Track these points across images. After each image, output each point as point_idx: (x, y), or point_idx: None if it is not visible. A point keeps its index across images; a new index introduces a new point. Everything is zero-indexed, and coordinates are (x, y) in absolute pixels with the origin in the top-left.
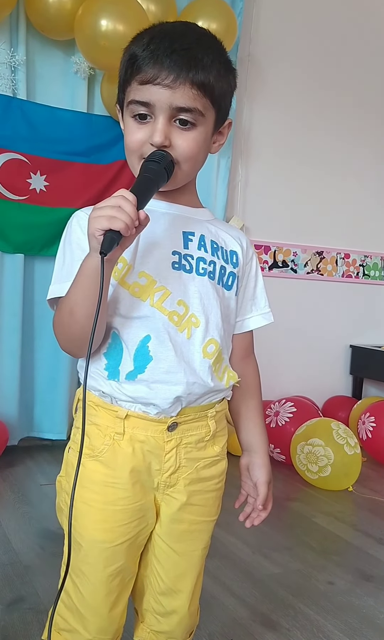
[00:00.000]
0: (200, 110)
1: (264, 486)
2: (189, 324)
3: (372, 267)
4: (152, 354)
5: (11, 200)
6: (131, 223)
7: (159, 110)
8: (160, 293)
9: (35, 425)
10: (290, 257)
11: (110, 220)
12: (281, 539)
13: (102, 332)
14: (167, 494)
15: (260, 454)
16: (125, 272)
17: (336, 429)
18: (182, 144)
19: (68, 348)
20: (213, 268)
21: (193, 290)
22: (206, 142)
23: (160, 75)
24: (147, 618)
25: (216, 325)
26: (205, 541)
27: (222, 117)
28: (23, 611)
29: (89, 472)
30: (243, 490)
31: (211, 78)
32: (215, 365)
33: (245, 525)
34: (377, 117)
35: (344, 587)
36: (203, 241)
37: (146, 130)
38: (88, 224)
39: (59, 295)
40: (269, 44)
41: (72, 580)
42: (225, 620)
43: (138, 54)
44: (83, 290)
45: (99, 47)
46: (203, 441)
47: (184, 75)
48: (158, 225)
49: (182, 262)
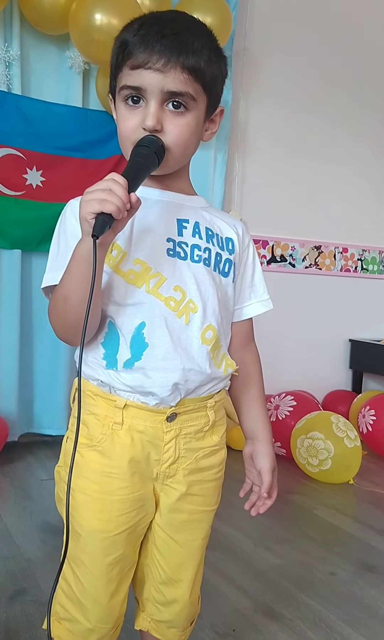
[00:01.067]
0: (192, 95)
1: (268, 474)
2: (187, 310)
3: (370, 261)
4: (148, 341)
5: (8, 195)
6: (122, 206)
7: (151, 95)
8: (156, 279)
9: (34, 421)
10: (288, 251)
11: (101, 203)
12: (283, 531)
13: (98, 319)
14: (166, 484)
15: (263, 442)
16: (120, 260)
17: (336, 422)
18: (174, 129)
19: (64, 336)
20: (208, 255)
21: (189, 277)
22: (198, 129)
23: (151, 60)
24: (148, 607)
25: (214, 311)
26: (205, 531)
27: (214, 103)
28: (25, 603)
29: (88, 462)
30: (248, 479)
31: (202, 63)
32: (213, 352)
33: (251, 514)
34: (374, 110)
35: (346, 578)
36: (197, 228)
37: (138, 116)
38: (80, 208)
39: (54, 283)
40: (264, 38)
41: (71, 570)
42: (228, 610)
43: (129, 40)
44: (77, 276)
45: (94, 41)
46: (202, 431)
47: (175, 59)
48: (152, 212)
49: (176, 249)
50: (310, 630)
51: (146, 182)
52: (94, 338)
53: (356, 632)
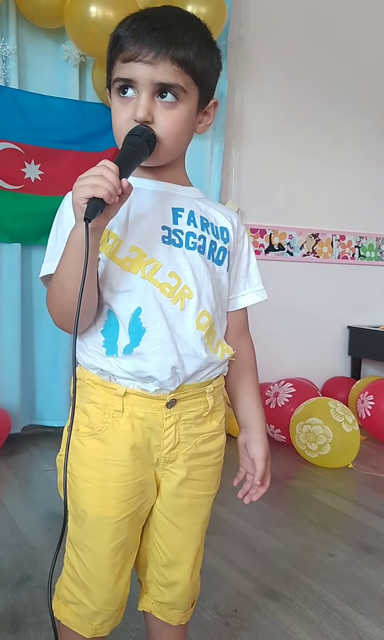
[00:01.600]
0: (182, 87)
1: (261, 462)
2: (182, 296)
3: (367, 248)
4: (145, 326)
5: (6, 190)
6: (114, 190)
7: (141, 87)
8: (151, 266)
9: (37, 413)
10: (285, 240)
11: (93, 188)
12: (283, 515)
13: (94, 306)
14: (166, 469)
15: (257, 430)
16: (116, 248)
17: (334, 407)
18: (164, 120)
19: (61, 323)
20: (203, 242)
21: (184, 263)
22: (190, 121)
23: (141, 52)
24: (151, 589)
25: (208, 297)
26: (205, 514)
27: (206, 96)
28: (31, 589)
29: (89, 450)
30: (242, 467)
31: (192, 55)
32: (208, 337)
33: (244, 502)
34: (371, 98)
35: (345, 559)
36: (192, 217)
37: (130, 108)
38: (73, 194)
39: (51, 272)
40: (259, 28)
41: (76, 555)
42: (229, 592)
43: (121, 34)
44: (72, 262)
45: (89, 34)
46: (201, 417)
47: (164, 52)
48: (147, 202)
49: (171, 236)
50: (310, 609)
51: (140, 173)
52: (93, 326)
53: (355, 610)
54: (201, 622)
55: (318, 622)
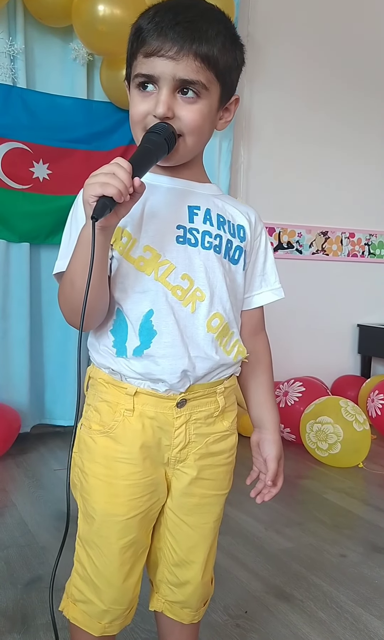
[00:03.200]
0: (204, 83)
1: (274, 462)
2: (194, 298)
3: (377, 245)
4: (156, 328)
5: (15, 189)
6: (124, 189)
7: (163, 82)
8: (165, 267)
9: (46, 412)
10: (294, 238)
11: (103, 186)
12: (293, 515)
13: (105, 304)
14: (177, 468)
15: (271, 430)
16: (130, 247)
17: (345, 406)
18: (187, 115)
19: (71, 320)
20: (219, 242)
21: (198, 264)
22: (211, 116)
23: (163, 47)
24: (162, 588)
25: (221, 299)
26: (217, 514)
27: (228, 92)
28: (41, 590)
29: (100, 448)
30: (255, 466)
31: (216, 50)
32: (221, 339)
33: (256, 501)
34: (380, 95)
35: (356, 559)
36: (208, 215)
37: (150, 102)
38: (83, 191)
39: (64, 270)
40: (268, 24)
41: (86, 553)
42: (240, 593)
43: (143, 27)
44: (82, 260)
45: (97, 32)
46: (212, 417)
47: (188, 46)
48: (163, 199)
49: (187, 235)
50: (321, 611)
51: (157, 169)
52: (104, 326)
53: (366, 611)
54: (212, 624)
55: (329, 623)
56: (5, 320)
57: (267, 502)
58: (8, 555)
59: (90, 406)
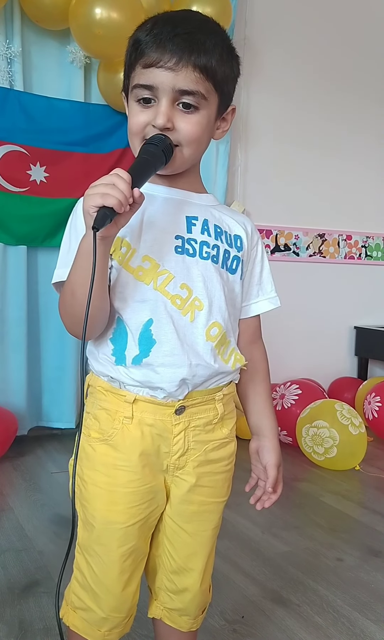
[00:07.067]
0: (203, 94)
1: (273, 469)
2: (192, 307)
3: (374, 247)
4: (155, 337)
5: (12, 192)
6: (124, 200)
7: (162, 93)
8: (164, 277)
9: (43, 414)
10: (291, 240)
11: (103, 197)
12: (290, 518)
13: (106, 314)
14: (176, 476)
15: (269, 438)
16: (129, 256)
17: (340, 409)
18: (185, 127)
19: (73, 330)
20: (216, 252)
21: (197, 274)
22: (209, 127)
23: (162, 58)
24: (160, 596)
25: (220, 308)
26: (215, 521)
27: (225, 102)
28: (38, 595)
29: (100, 456)
30: (254, 473)
31: (214, 62)
32: (219, 347)
33: (256, 508)
34: (376, 98)
35: (353, 563)
36: (206, 225)
37: (149, 113)
38: (83, 202)
39: (63, 279)
40: (265, 27)
41: (85, 560)
42: (237, 597)
43: (141, 39)
44: (82, 270)
45: (94, 35)
46: (211, 424)
47: (186, 58)
48: (161, 209)
49: (185, 246)
50: (317, 615)
51: (154, 179)
52: (104, 334)
53: (363, 616)
54: (209, 629)
55: (325, 628)
56: (3, 322)
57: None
58: (5, 559)
59: (89, 414)
